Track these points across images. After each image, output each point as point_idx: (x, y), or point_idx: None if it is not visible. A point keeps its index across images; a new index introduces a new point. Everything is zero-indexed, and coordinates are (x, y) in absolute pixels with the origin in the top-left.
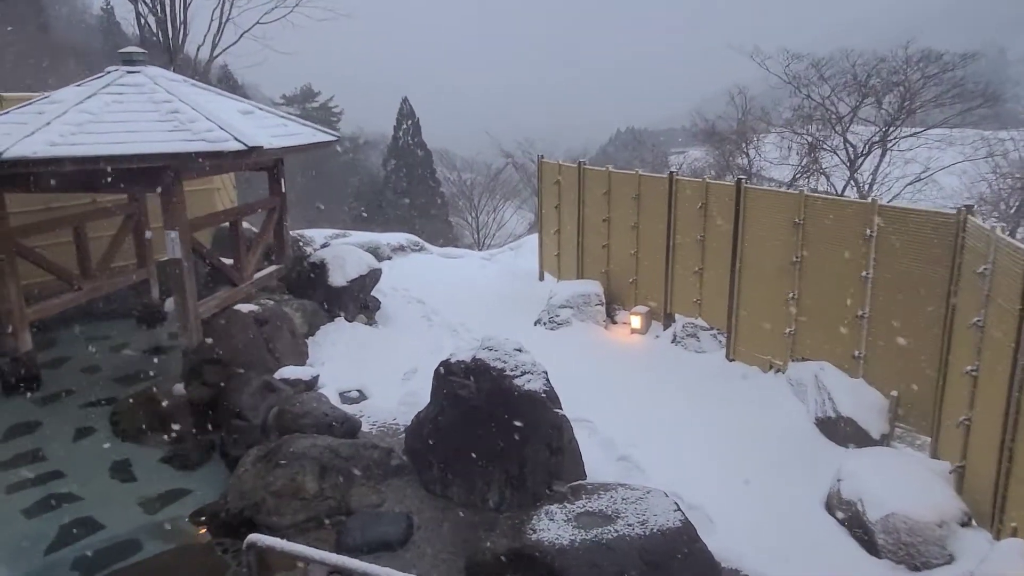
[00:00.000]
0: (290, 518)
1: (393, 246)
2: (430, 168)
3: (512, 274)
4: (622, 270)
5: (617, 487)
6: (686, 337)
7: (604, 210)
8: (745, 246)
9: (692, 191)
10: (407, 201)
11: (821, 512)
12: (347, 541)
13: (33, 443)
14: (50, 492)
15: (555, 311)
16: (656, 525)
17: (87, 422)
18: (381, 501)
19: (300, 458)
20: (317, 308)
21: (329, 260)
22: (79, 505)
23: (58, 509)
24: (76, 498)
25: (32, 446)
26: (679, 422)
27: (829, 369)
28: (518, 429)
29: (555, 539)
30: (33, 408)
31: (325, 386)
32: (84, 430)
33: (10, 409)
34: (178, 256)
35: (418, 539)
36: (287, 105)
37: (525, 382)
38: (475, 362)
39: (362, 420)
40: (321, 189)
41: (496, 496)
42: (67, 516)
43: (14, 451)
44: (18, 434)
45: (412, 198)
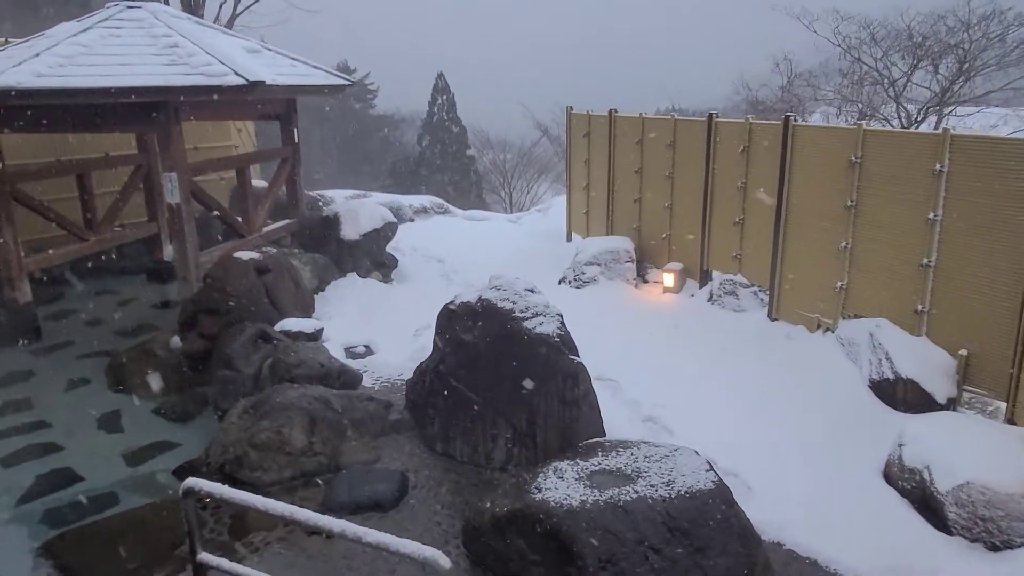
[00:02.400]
0: (274, 474)
1: (416, 208)
2: (464, 144)
3: (539, 235)
4: (655, 225)
5: (640, 444)
6: (724, 295)
7: (636, 161)
8: (792, 192)
9: (733, 133)
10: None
11: (878, 482)
12: (333, 499)
13: (23, 392)
14: (32, 441)
15: (581, 268)
16: (684, 486)
17: (81, 373)
18: (375, 458)
19: (287, 409)
20: (328, 263)
21: (342, 213)
22: (60, 456)
23: (37, 459)
24: (57, 448)
25: (21, 395)
26: (714, 385)
27: (886, 326)
28: (527, 376)
29: (563, 500)
30: (28, 358)
31: (330, 340)
32: (77, 381)
33: (5, 359)
34: (176, 201)
35: (413, 500)
36: None
37: (536, 325)
38: (481, 303)
39: (366, 375)
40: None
41: (502, 454)
42: (46, 466)
43: (2, 400)
44: (9, 383)
45: (446, 174)
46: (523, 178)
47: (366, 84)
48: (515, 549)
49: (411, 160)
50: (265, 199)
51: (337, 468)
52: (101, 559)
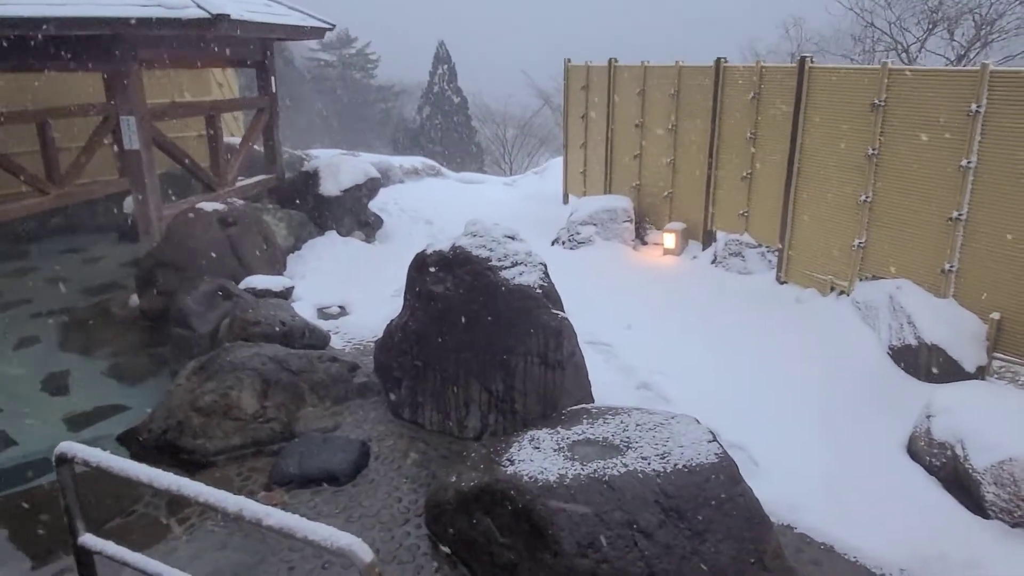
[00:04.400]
0: (220, 442)
1: (406, 168)
2: (465, 115)
3: (534, 197)
4: (655, 183)
5: (632, 411)
6: (729, 257)
7: (637, 113)
8: (806, 140)
9: (743, 79)
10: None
11: (902, 457)
12: (280, 471)
13: None
14: None
15: (575, 228)
16: (682, 460)
17: (34, 332)
18: (335, 426)
19: (237, 369)
20: (305, 220)
21: (322, 168)
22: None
23: None
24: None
25: None
26: (717, 352)
27: (909, 288)
28: (504, 335)
29: (538, 474)
30: None
31: (301, 299)
32: (28, 339)
33: None
34: (135, 147)
35: (373, 472)
36: (323, 52)
37: (515, 275)
38: (454, 251)
39: (337, 336)
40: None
41: (476, 422)
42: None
43: None
44: None
45: (447, 146)
46: (523, 149)
47: (367, 54)
48: (482, 530)
49: (411, 131)
50: (240, 150)
51: (292, 436)
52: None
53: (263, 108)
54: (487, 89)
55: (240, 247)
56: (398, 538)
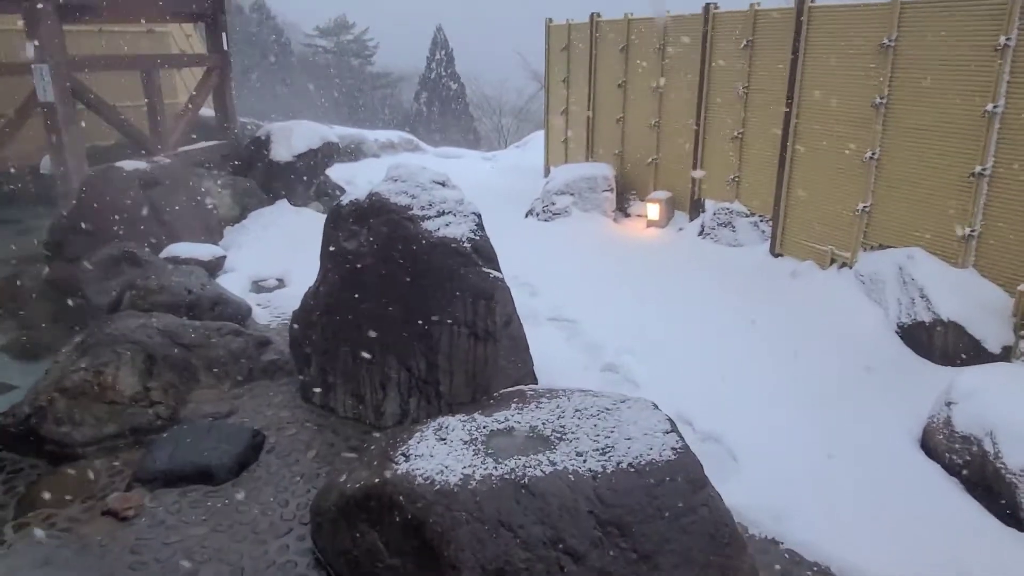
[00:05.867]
0: (90, 430)
1: (381, 142)
2: (463, 102)
3: (514, 171)
4: (639, 149)
5: (573, 393)
6: (718, 227)
7: (620, 72)
8: (804, 92)
9: (734, 26)
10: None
11: (914, 453)
12: (145, 466)
13: None
14: None
15: (551, 198)
16: (629, 456)
17: None
18: (230, 411)
19: (117, 343)
20: (252, 188)
21: (274, 132)
22: None
23: None
24: None
25: None
26: (700, 331)
27: (921, 257)
28: (425, 300)
29: (435, 474)
30: None
31: (234, 270)
32: None
33: None
34: (49, 99)
35: (262, 468)
36: (321, 38)
37: (440, 226)
38: (370, 200)
39: (266, 310)
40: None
41: (395, 407)
42: None
43: None
44: None
45: (444, 132)
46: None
47: (365, 40)
48: (366, 547)
49: (409, 117)
50: (185, 113)
51: (179, 422)
52: None
53: (213, 68)
54: (484, 74)
55: (164, 211)
56: (272, 554)
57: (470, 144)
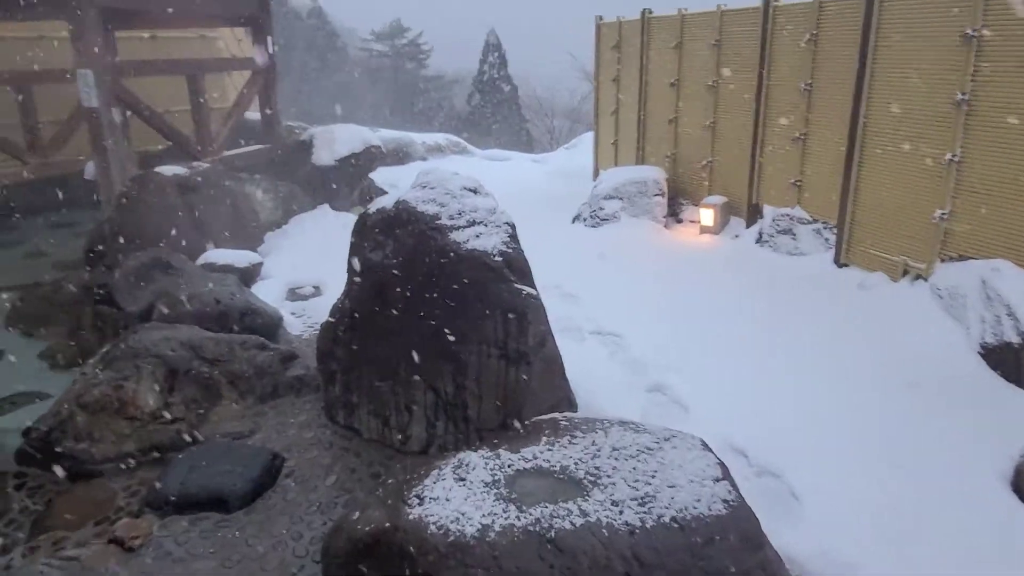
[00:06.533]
0: (109, 447)
1: (429, 145)
2: (515, 104)
3: (563, 174)
4: (692, 151)
5: (612, 425)
6: (777, 235)
7: (673, 70)
8: (875, 88)
9: (797, 20)
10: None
11: (1005, 495)
12: (157, 490)
13: None
14: None
15: (599, 203)
16: (673, 507)
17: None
18: (252, 430)
19: (138, 356)
20: (294, 192)
21: (317, 136)
22: None
23: None
24: None
25: None
26: (756, 349)
27: (1008, 270)
28: (453, 318)
29: (450, 522)
30: None
31: (271, 277)
32: None
33: None
34: (93, 105)
35: (279, 495)
36: (377, 42)
37: (470, 237)
38: (398, 208)
39: (299, 319)
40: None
41: (421, 431)
42: None
43: None
44: None
45: (497, 135)
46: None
47: (419, 44)
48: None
49: (462, 120)
50: (230, 116)
51: (196, 442)
52: None
53: (258, 71)
54: (536, 75)
55: (203, 217)
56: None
57: (522, 146)
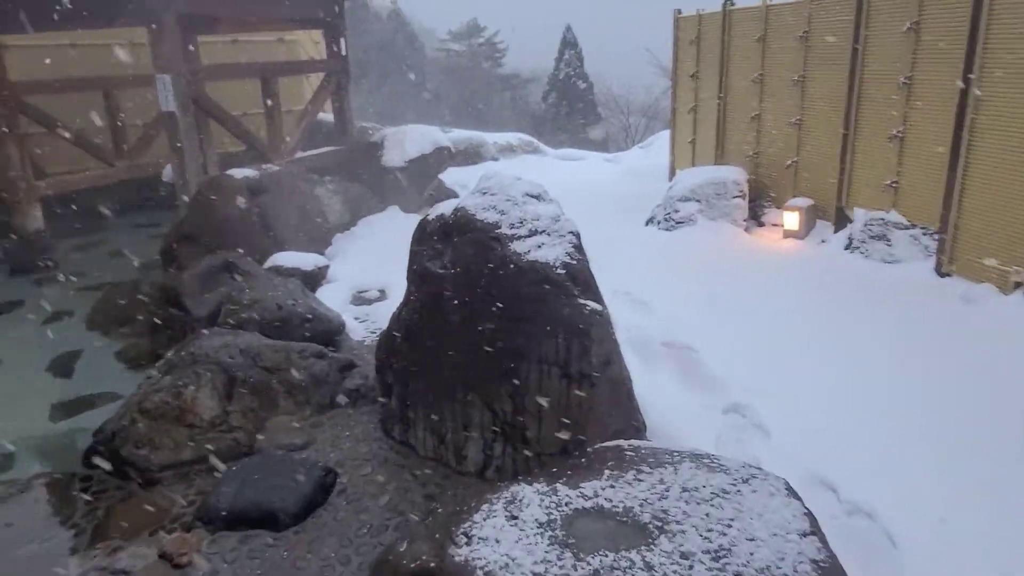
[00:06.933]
0: (168, 454)
1: (501, 145)
2: (591, 101)
3: (637, 174)
4: (777, 150)
5: (684, 460)
6: (869, 240)
7: (756, 65)
8: (985, 77)
9: (895, 7)
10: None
11: None
12: (209, 504)
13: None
14: None
15: (674, 205)
16: (752, 565)
17: (69, 306)
18: (307, 442)
19: (198, 363)
20: (364, 193)
21: (388, 137)
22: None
23: None
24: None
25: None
26: (846, 367)
27: None
28: (512, 334)
29: (498, 569)
30: (28, 288)
31: (336, 280)
32: (60, 314)
33: (3, 288)
34: (171, 108)
35: (330, 514)
36: (453, 41)
37: (531, 248)
38: (456, 215)
39: (363, 325)
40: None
41: (478, 452)
42: None
43: None
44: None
45: (571, 132)
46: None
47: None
48: None
49: (537, 118)
50: (302, 118)
51: (252, 452)
52: None
53: (331, 73)
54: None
55: (272, 219)
56: None
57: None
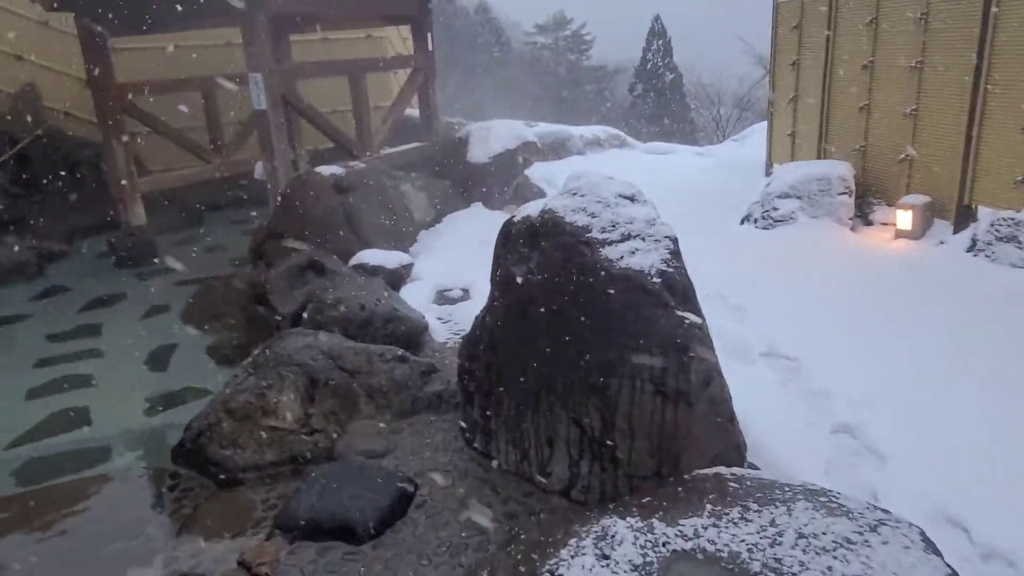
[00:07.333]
0: (252, 455)
1: (587, 139)
2: (679, 92)
3: (731, 168)
4: (888, 142)
5: (797, 496)
6: (996, 242)
7: (866, 50)
8: None
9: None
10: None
11: None
12: (289, 511)
13: (101, 317)
14: (71, 372)
15: (772, 202)
16: None
17: (168, 300)
18: (387, 449)
19: (282, 364)
20: (449, 190)
21: (472, 132)
22: (85, 392)
23: (63, 393)
24: (89, 383)
25: (98, 319)
26: (971, 383)
27: None
28: (602, 345)
29: None
30: (131, 282)
31: (420, 279)
32: (158, 308)
33: (107, 282)
34: (262, 107)
35: (408, 529)
36: (539, 34)
37: (624, 254)
38: (543, 218)
39: (446, 326)
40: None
41: (563, 469)
42: (65, 403)
43: (78, 323)
44: (97, 306)
45: (658, 124)
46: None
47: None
48: None
49: (623, 110)
50: (390, 115)
51: (332, 457)
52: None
53: (418, 69)
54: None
55: (357, 216)
56: None
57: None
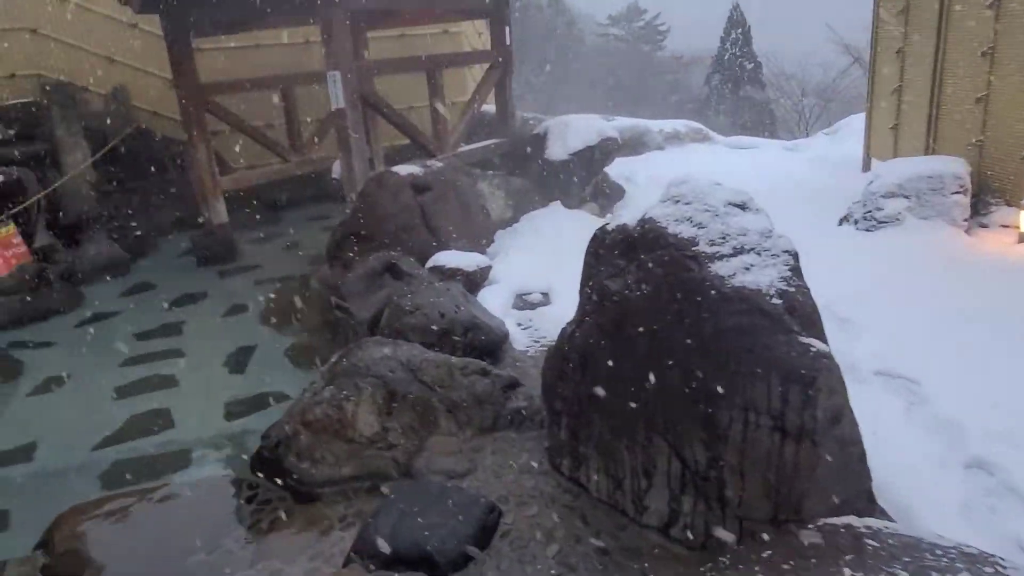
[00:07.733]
0: (329, 469)
1: (667, 133)
2: (758, 82)
3: (823, 164)
4: (1011, 138)
5: (956, 562)
6: None
7: (985, 35)
8: None
9: None
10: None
11: None
12: (366, 537)
13: (184, 315)
14: (155, 372)
15: (876, 202)
16: None
17: (247, 299)
18: (468, 469)
19: (359, 375)
20: (527, 188)
21: (551, 128)
22: (168, 393)
23: (147, 394)
24: (172, 384)
25: (180, 319)
26: None
27: None
28: (711, 372)
29: None
30: (212, 280)
31: (498, 282)
32: (238, 307)
33: (191, 280)
34: (341, 105)
35: (492, 563)
36: (613, 25)
37: (737, 270)
38: (642, 227)
39: (526, 332)
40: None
41: (662, 504)
42: (148, 404)
43: (163, 321)
44: (180, 304)
45: (735, 116)
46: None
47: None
48: None
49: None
50: (466, 111)
51: (410, 474)
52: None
53: (495, 64)
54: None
55: (434, 216)
56: None
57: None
